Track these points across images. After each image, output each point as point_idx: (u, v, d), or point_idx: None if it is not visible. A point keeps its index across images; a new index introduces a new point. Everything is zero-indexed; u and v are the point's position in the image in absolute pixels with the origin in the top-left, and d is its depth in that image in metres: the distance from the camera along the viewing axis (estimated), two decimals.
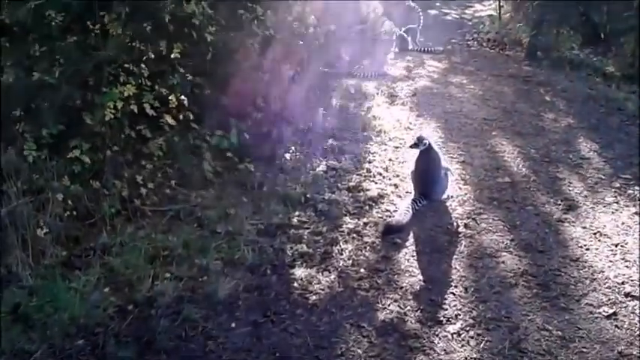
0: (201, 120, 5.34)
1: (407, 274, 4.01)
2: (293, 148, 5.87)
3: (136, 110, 4.21)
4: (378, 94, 8.30)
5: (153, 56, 4.24)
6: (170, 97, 4.39)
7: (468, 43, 12.61)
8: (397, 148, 6.24)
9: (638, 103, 7.94)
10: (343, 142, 6.18)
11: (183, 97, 4.47)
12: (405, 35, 11.41)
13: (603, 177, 5.66)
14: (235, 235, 4.32)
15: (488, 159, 6.05)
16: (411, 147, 5.15)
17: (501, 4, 13.05)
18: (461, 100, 8.11)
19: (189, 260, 3.98)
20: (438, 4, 17.66)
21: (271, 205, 4.79)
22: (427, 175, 5.05)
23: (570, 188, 5.43)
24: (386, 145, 6.32)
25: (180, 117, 4.58)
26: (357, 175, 5.50)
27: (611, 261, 4.23)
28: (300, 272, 3.96)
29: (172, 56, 4.29)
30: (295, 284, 3.83)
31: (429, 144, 5.00)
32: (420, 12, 11.60)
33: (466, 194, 5.25)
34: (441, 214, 4.88)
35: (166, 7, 4.09)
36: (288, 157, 5.76)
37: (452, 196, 5.16)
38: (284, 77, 5.67)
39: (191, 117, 4.62)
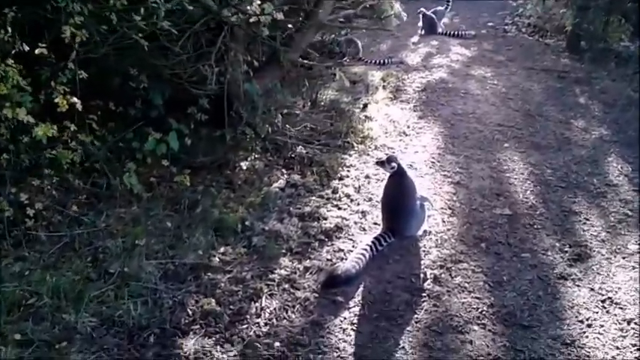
0: (128, 120, 4.43)
1: (335, 355, 3.01)
2: (252, 156, 4.88)
3: (9, 115, 3.28)
4: (383, 86, 7.20)
5: (27, 49, 3.30)
6: (56, 99, 3.45)
7: (506, 27, 11.21)
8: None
9: None
10: (316, 151, 5.15)
11: (75, 99, 3.52)
12: (434, 17, 10.21)
13: (630, 214, 4.48)
14: (131, 278, 3.39)
15: (489, 180, 4.93)
16: (376, 164, 4.12)
17: None
18: (477, 99, 6.93)
19: (57, 314, 3.09)
20: None
21: (196, 235, 3.85)
22: (397, 207, 4.02)
23: (585, 228, 4.28)
24: (368, 155, 5.27)
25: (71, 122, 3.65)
26: (319, 196, 4.49)
27: (618, 347, 3.13)
28: (192, 343, 3.01)
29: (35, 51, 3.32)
30: None
31: (399, 167, 3.94)
32: None
33: (449, 230, 4.18)
34: (408, 259, 3.84)
35: None
36: (244, 167, 4.77)
37: (429, 232, 4.10)
38: (240, 69, 4.65)
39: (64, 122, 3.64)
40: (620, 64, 8.43)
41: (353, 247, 3.90)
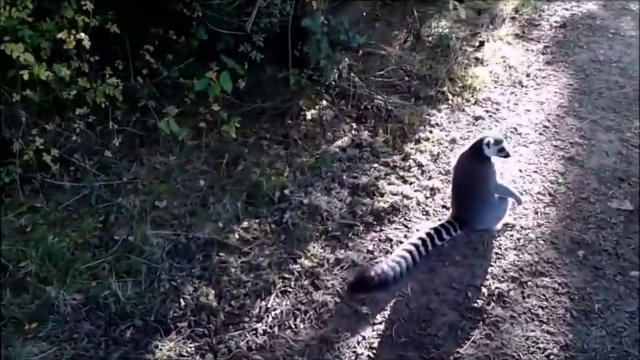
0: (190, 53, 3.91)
1: None
2: (320, 104, 4.16)
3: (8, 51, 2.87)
4: (512, 18, 5.98)
5: None
6: (63, 36, 2.98)
7: None
8: (477, 121, 4.23)
9: None
10: (398, 102, 4.31)
11: (83, 34, 3.03)
12: None
13: None
14: (134, 250, 2.96)
15: (615, 158, 3.84)
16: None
17: None
18: (628, 42, 5.52)
19: (38, 287, 2.74)
20: None
21: (224, 200, 3.31)
22: (467, 193, 3.16)
23: None
24: (462, 112, 4.34)
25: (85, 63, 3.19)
26: (384, 163, 3.73)
27: None
28: (169, 347, 2.53)
29: None
30: None
31: (479, 146, 3.05)
32: None
33: (540, 226, 3.27)
34: (472, 262, 3.04)
35: None
36: (308, 117, 4.10)
37: (512, 227, 3.23)
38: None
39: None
40: None
41: (406, 236, 3.15)
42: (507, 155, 3.17)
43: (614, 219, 3.32)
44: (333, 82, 4.06)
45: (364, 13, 5.19)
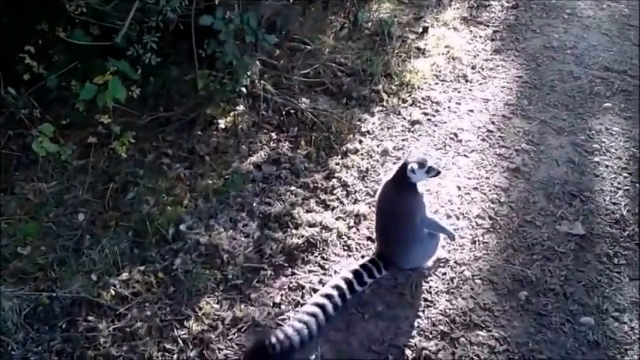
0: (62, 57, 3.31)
1: None
2: (236, 110, 3.60)
3: None
4: None
5: None
6: None
7: None
8: (413, 126, 3.73)
9: None
10: (326, 106, 3.77)
11: None
12: None
13: None
14: None
15: (566, 167, 3.40)
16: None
17: None
18: (585, 25, 5.05)
19: None
20: None
21: (103, 242, 2.75)
22: (391, 229, 2.67)
23: None
24: (398, 115, 3.83)
25: None
26: (303, 184, 3.20)
27: None
28: None
29: None
30: None
31: (403, 174, 2.55)
32: None
33: (478, 260, 2.80)
34: (396, 312, 2.58)
35: None
36: (221, 126, 3.54)
37: (445, 262, 2.76)
38: None
39: None
40: None
41: (321, 281, 2.65)
42: (438, 173, 2.67)
43: (563, 247, 2.88)
44: (245, 89, 3.47)
45: None
